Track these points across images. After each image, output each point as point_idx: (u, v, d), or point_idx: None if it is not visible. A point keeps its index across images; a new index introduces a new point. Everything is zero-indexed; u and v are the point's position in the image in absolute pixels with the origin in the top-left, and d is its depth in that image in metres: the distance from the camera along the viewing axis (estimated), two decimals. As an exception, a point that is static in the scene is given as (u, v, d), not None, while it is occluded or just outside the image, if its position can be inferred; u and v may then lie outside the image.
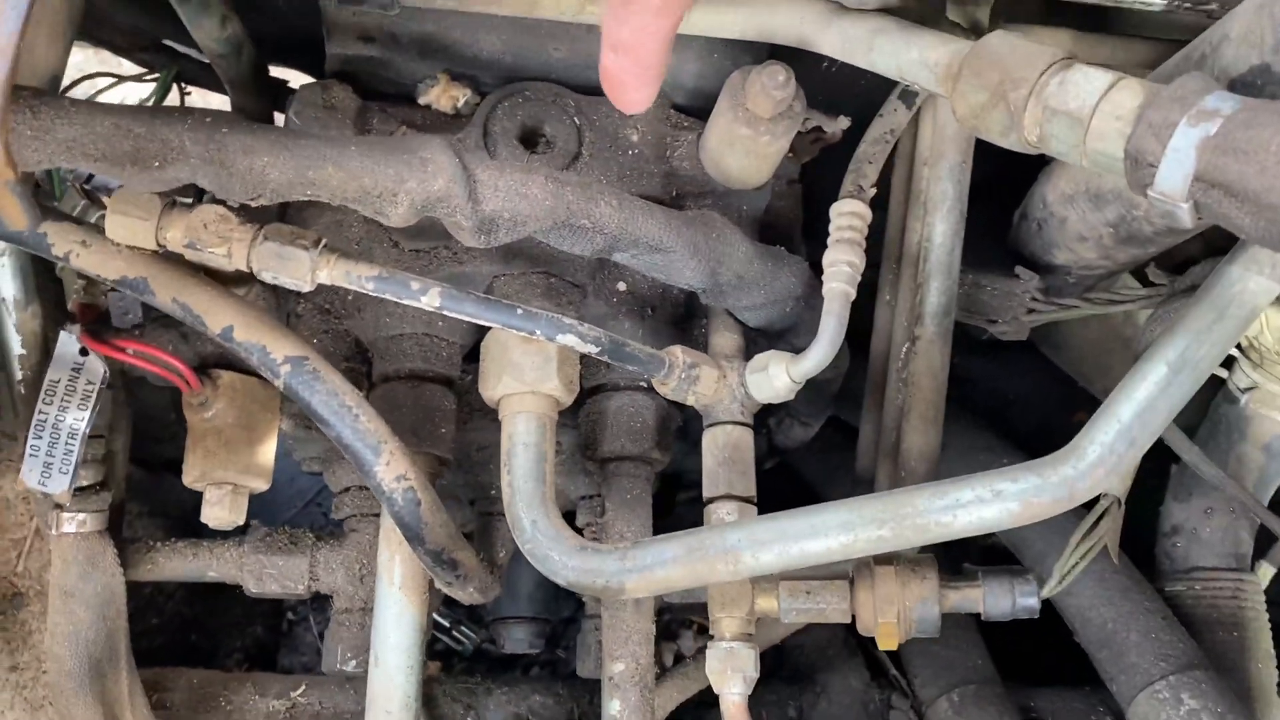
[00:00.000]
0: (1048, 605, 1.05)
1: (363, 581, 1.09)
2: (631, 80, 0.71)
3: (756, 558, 0.84)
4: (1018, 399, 1.52)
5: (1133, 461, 0.79)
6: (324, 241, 0.84)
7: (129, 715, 1.02)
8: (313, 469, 1.17)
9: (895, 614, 0.95)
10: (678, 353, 0.94)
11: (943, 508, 0.80)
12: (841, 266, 0.91)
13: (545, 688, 1.22)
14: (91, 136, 0.73)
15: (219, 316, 0.86)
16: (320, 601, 1.80)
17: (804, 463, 1.52)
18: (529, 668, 1.84)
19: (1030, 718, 1.21)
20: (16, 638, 1.04)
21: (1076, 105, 0.70)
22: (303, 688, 1.14)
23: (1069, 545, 1.00)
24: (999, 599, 0.97)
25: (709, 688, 0.96)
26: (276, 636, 1.83)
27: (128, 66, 1.26)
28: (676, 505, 1.56)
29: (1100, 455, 0.78)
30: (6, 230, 0.75)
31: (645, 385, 1.05)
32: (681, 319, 1.08)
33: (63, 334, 0.94)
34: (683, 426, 1.13)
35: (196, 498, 1.02)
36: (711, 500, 0.97)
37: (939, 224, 1.03)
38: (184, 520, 1.47)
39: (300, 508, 1.99)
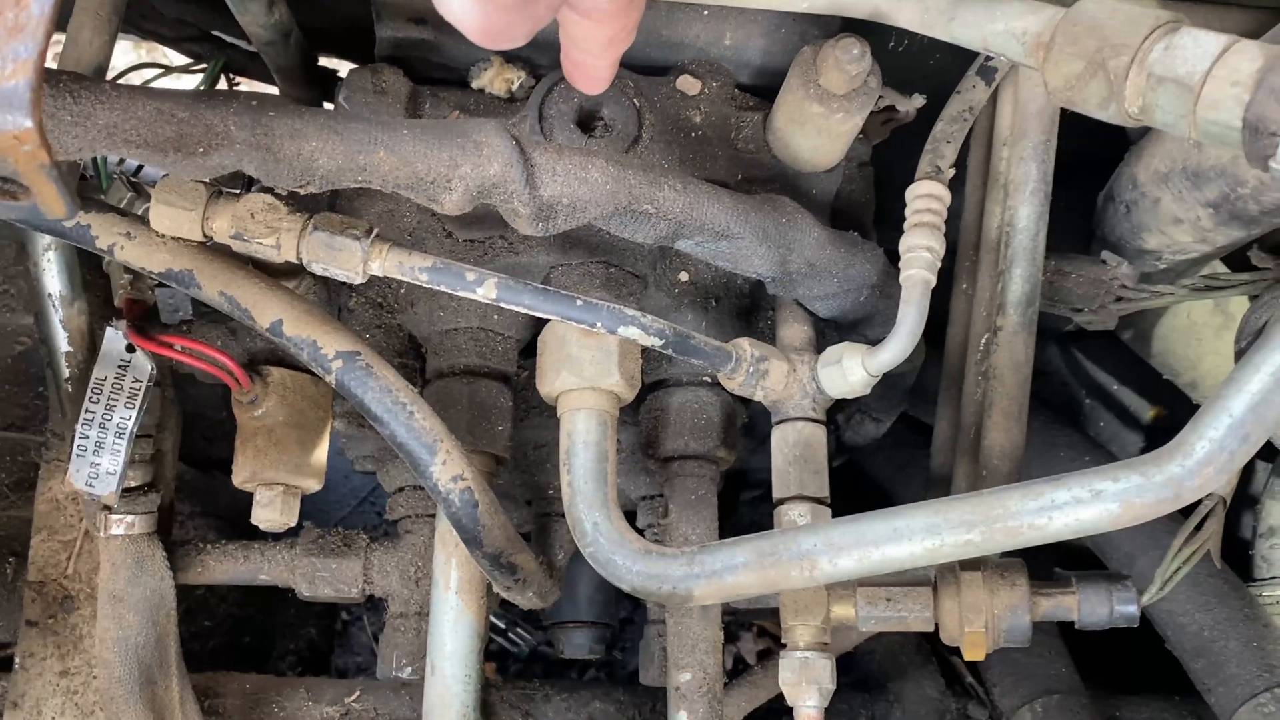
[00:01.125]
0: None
1: (418, 585, 1.05)
2: (584, 83, 0.76)
3: (834, 563, 0.79)
4: (1095, 392, 1.46)
5: (1244, 459, 0.73)
6: (376, 231, 0.81)
7: (180, 722, 0.99)
8: (366, 468, 1.14)
9: (983, 623, 0.89)
10: (745, 345, 0.89)
11: (1037, 509, 0.74)
12: (920, 252, 0.85)
13: (605, 694, 1.18)
14: (133, 122, 0.69)
15: (267, 310, 0.83)
16: (375, 602, 1.78)
17: (870, 460, 1.46)
18: (585, 669, 1.81)
19: (1117, 729, 1.15)
20: (67, 642, 1.02)
21: (1185, 71, 0.64)
22: (357, 693, 1.11)
23: (1171, 549, 0.93)
24: (1095, 607, 0.91)
25: (779, 695, 0.92)
26: (331, 637, 1.81)
27: (175, 58, 1.24)
28: (740, 504, 1.51)
29: (1210, 452, 0.71)
30: (45, 220, 0.72)
31: (710, 380, 1.00)
32: (746, 310, 1.03)
33: (109, 330, 0.91)
34: (748, 422, 1.08)
35: (249, 497, 0.99)
36: (782, 501, 0.92)
37: (1022, 207, 0.97)
38: (236, 521, 1.44)
39: (354, 507, 1.97)
